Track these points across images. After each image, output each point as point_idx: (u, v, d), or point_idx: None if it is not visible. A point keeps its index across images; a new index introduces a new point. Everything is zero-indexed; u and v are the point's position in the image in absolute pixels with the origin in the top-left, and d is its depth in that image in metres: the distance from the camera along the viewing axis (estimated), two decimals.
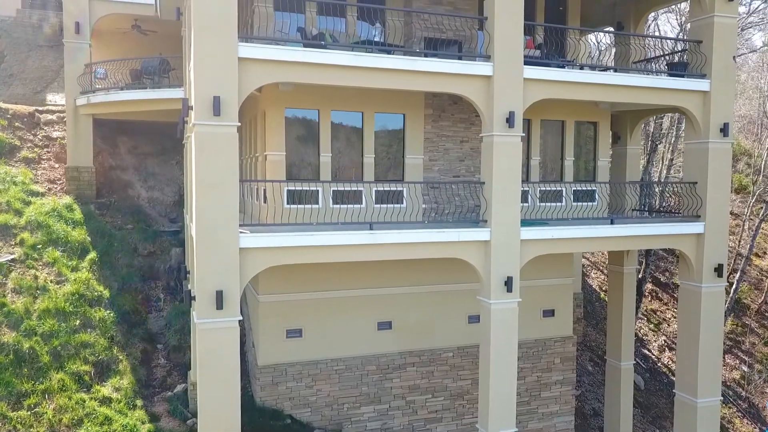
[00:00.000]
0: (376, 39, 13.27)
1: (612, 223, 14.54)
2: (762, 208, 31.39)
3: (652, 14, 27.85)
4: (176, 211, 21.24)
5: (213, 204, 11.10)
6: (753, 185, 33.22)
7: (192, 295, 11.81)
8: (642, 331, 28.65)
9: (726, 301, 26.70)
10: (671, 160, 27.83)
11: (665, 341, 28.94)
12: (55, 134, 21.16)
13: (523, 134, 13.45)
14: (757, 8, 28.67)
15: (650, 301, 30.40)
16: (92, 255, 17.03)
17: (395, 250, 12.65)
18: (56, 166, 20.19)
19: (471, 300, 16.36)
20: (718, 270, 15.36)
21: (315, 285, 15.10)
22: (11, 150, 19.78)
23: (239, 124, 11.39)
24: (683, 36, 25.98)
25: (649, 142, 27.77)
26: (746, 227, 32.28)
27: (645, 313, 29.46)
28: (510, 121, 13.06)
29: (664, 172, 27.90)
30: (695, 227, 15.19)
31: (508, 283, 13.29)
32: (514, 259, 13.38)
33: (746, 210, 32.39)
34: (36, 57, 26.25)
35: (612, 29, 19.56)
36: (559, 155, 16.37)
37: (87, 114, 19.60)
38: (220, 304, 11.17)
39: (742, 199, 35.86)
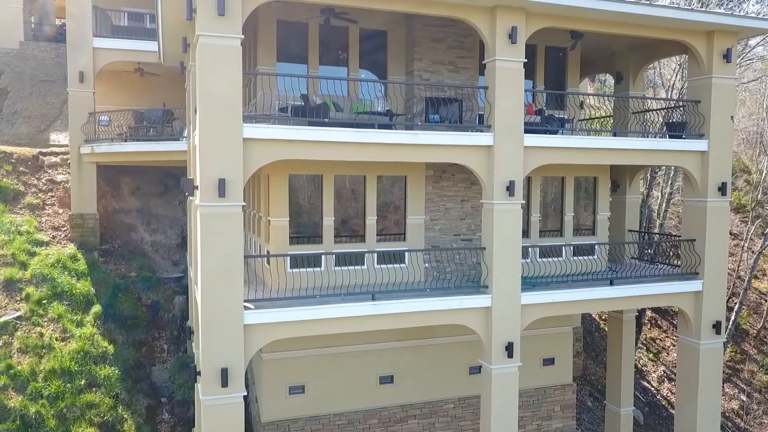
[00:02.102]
0: (379, 109, 13.44)
1: (611, 283, 14.73)
2: (761, 227, 31.45)
3: None
4: (179, 254, 21.40)
5: (218, 283, 11.27)
6: (752, 210, 33.33)
7: (197, 370, 11.99)
8: (641, 361, 28.72)
9: (726, 328, 26.81)
10: (670, 193, 28.00)
11: (665, 371, 29.01)
12: (59, 177, 21.33)
13: (523, 201, 13.66)
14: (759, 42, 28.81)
15: (649, 329, 30.49)
16: (97, 308, 17.21)
17: (397, 319, 12.86)
18: (60, 211, 20.35)
19: (471, 351, 16.57)
20: (716, 327, 15.56)
21: (317, 341, 15.27)
22: (16, 196, 19.95)
23: (244, 203, 11.57)
24: (682, 76, 26.16)
25: (648, 174, 27.93)
26: (746, 247, 32.30)
27: (644, 342, 29.54)
28: (510, 189, 13.26)
29: (663, 205, 28.08)
30: (694, 285, 15.38)
31: (509, 348, 13.48)
32: (515, 324, 13.58)
33: (746, 233, 32.38)
34: (39, 93, 26.41)
35: (612, 77, 19.77)
36: (559, 210, 16.54)
37: (91, 162, 19.76)
38: (225, 382, 11.34)
39: (741, 218, 35.97)
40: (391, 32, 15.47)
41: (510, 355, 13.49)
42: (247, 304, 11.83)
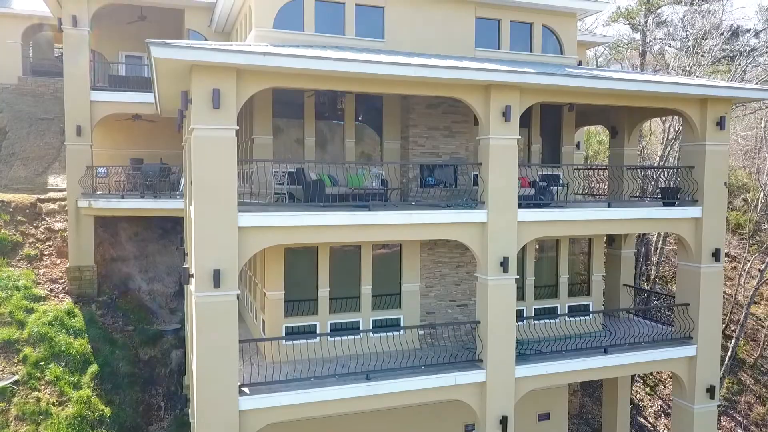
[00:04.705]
0: (374, 184, 13.53)
1: (605, 352, 14.81)
2: (762, 254, 31.36)
3: None
4: (177, 301, 21.44)
5: (213, 371, 11.36)
6: (749, 237, 33.25)
7: None
8: (638, 396, 28.74)
9: (724, 363, 26.79)
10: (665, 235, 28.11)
11: (661, 406, 29.01)
12: (57, 225, 21.38)
13: (517, 276, 13.76)
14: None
15: None
16: (93, 368, 17.25)
17: (392, 398, 12.96)
18: (58, 261, 20.41)
19: (465, 409, 16.57)
20: (711, 391, 15.63)
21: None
22: (14, 247, 20.01)
23: (239, 291, 11.65)
24: (680, 122, 26.21)
25: None
26: (745, 270, 32.17)
27: (641, 375, 29.55)
28: (504, 265, 13.36)
29: (660, 242, 28.19)
30: (687, 350, 15.47)
31: (504, 423, 13.56)
32: (509, 397, 13.67)
33: (744, 257, 32.22)
34: (37, 132, 26.46)
35: (606, 128, 19.86)
36: (554, 273, 16.60)
37: (88, 215, 19.78)
38: None
39: (739, 239, 35.86)
40: (386, 97, 15.57)
41: (504, 429, 13.57)
42: (243, 389, 11.91)
